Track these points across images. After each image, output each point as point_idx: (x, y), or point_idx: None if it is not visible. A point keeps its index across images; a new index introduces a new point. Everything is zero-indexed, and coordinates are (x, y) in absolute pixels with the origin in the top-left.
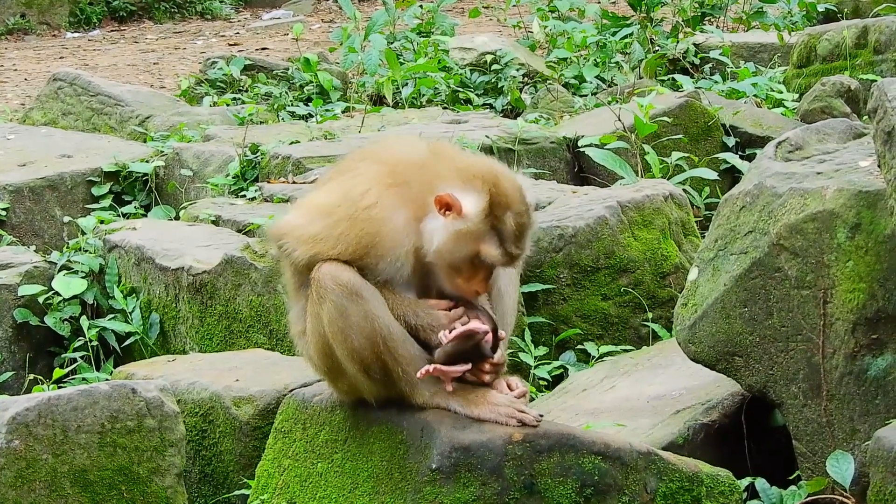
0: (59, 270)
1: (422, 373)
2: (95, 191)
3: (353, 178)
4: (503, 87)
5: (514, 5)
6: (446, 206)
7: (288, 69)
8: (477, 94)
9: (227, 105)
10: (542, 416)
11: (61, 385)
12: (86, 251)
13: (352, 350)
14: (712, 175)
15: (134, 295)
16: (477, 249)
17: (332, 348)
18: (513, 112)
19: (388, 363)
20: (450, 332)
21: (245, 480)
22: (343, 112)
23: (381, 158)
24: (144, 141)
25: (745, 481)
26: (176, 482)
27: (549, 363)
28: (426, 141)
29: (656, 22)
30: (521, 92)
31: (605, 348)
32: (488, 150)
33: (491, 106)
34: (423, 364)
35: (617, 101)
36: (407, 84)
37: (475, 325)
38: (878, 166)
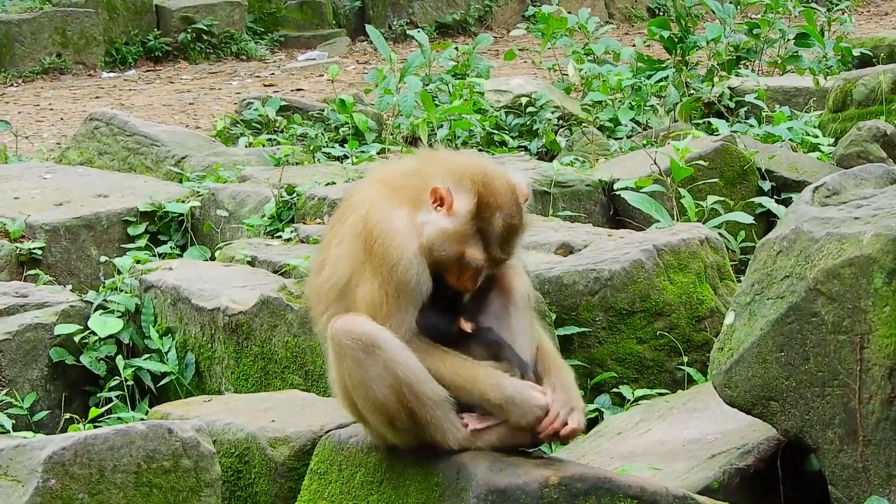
0: (95, 310)
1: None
2: (131, 230)
3: (350, 215)
4: (538, 129)
5: (550, 48)
6: (440, 200)
7: (323, 110)
8: (512, 137)
9: (263, 146)
10: None
11: (97, 424)
12: (122, 291)
13: (375, 403)
14: (748, 219)
15: (170, 335)
16: (462, 251)
17: (356, 402)
18: (548, 155)
19: (416, 410)
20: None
21: None
22: (378, 153)
23: (374, 177)
24: (180, 181)
25: None
26: None
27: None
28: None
29: (691, 65)
30: (556, 134)
31: (640, 392)
32: None
33: (526, 148)
34: (451, 405)
35: (652, 145)
36: (442, 126)
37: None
38: None
